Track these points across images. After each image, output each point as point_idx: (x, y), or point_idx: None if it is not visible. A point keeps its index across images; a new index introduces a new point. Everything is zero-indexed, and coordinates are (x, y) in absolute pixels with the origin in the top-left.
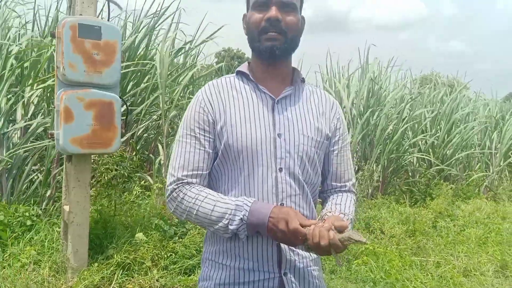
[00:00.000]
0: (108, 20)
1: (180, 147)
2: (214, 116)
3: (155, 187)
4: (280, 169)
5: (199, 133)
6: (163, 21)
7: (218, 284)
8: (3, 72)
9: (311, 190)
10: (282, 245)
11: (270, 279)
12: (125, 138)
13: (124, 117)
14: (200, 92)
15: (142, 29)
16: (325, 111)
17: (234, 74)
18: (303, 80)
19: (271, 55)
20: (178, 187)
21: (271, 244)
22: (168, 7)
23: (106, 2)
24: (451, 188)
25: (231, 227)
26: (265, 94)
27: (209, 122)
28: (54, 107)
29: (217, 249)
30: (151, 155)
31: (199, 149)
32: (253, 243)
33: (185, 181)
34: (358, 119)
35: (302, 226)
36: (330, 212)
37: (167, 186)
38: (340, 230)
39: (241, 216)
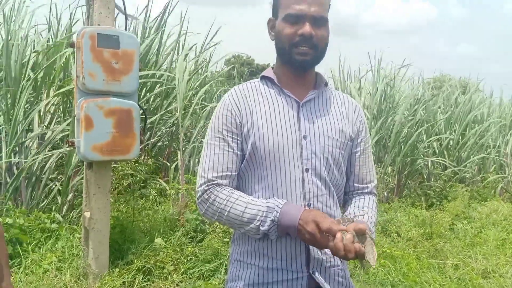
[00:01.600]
0: (126, 29)
1: (209, 149)
2: (241, 119)
3: (171, 193)
4: (307, 170)
5: (227, 135)
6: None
7: (248, 284)
8: (22, 83)
9: (336, 191)
10: None
11: (299, 278)
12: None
13: (142, 124)
14: (227, 96)
15: (152, 36)
16: (348, 113)
17: (259, 79)
18: (326, 84)
19: (302, 69)
20: (209, 188)
21: (299, 243)
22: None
23: (122, 8)
24: (466, 190)
25: (262, 228)
26: (290, 98)
27: (237, 124)
28: (74, 115)
29: (246, 250)
30: (166, 161)
31: (228, 150)
32: (281, 243)
33: (215, 182)
34: (372, 122)
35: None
36: (353, 215)
37: (197, 188)
38: (360, 233)
39: (272, 218)
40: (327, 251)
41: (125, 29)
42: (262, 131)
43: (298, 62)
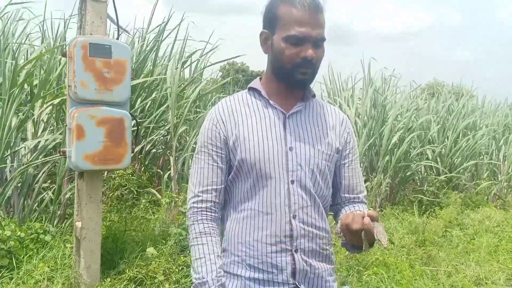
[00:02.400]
0: (117, 39)
1: (196, 164)
2: (226, 133)
3: (164, 202)
4: (292, 181)
5: (212, 150)
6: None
7: None
8: (12, 90)
9: (322, 202)
10: (296, 256)
11: None
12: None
13: (135, 133)
14: (213, 109)
15: (148, 44)
16: (335, 125)
17: (246, 90)
18: (313, 96)
19: (302, 87)
20: (195, 207)
21: (285, 254)
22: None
23: (115, 20)
24: (459, 197)
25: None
26: (277, 109)
27: (221, 138)
28: (66, 125)
29: (232, 261)
30: (159, 170)
31: (212, 164)
32: (267, 255)
33: (200, 197)
34: (363, 129)
35: None
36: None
37: (188, 201)
38: (372, 219)
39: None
40: (313, 262)
41: (117, 38)
42: (248, 143)
43: (300, 82)
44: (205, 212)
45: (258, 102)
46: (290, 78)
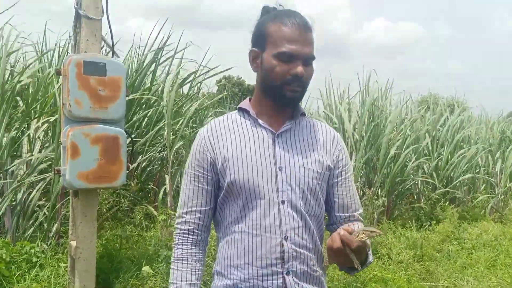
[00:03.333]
0: (112, 56)
1: (184, 185)
2: (214, 155)
3: (160, 219)
4: (283, 202)
5: (198, 171)
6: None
7: None
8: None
9: (314, 222)
10: (288, 279)
11: None
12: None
13: (130, 149)
14: (202, 130)
15: (146, 63)
16: (326, 143)
17: (236, 111)
18: (303, 114)
19: (292, 104)
20: (178, 229)
21: (276, 278)
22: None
23: (110, 42)
24: (456, 211)
25: None
26: (266, 129)
27: (208, 160)
28: (60, 143)
29: (223, 285)
30: (155, 187)
31: (198, 186)
32: (258, 279)
33: (183, 218)
34: (361, 143)
35: None
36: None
37: (175, 219)
38: (350, 231)
39: None
40: (304, 284)
41: (112, 56)
42: (236, 164)
43: (289, 99)
44: (186, 235)
45: (247, 122)
46: (280, 95)
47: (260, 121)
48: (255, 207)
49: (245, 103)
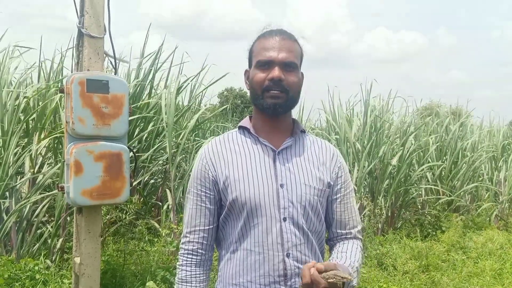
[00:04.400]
0: (115, 73)
1: (187, 204)
2: (215, 173)
3: (163, 234)
4: (284, 219)
5: (201, 190)
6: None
7: None
8: (12, 126)
9: (316, 238)
10: None
11: None
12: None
13: (133, 165)
14: (203, 150)
15: (144, 76)
16: (326, 160)
17: (237, 129)
18: (303, 131)
19: (274, 112)
20: (183, 249)
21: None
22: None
23: (112, 54)
24: (461, 220)
25: None
26: (266, 146)
27: (210, 179)
28: (64, 160)
29: None
30: (158, 202)
31: (200, 205)
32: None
33: (187, 239)
34: (363, 153)
35: None
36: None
37: (181, 239)
38: (327, 268)
39: None
40: None
41: (115, 73)
42: (238, 182)
43: (271, 105)
44: (190, 256)
45: (248, 140)
46: (264, 103)
47: (261, 139)
48: (257, 224)
49: (245, 122)
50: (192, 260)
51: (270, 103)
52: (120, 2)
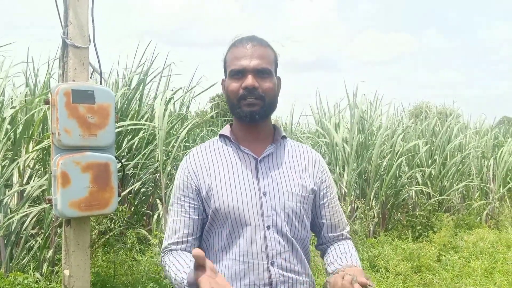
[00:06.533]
0: (100, 84)
1: (170, 215)
2: (198, 183)
3: (154, 243)
4: (268, 227)
5: (184, 201)
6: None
7: None
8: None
9: (301, 245)
10: None
11: None
12: (122, 195)
13: (120, 174)
14: (185, 160)
15: (133, 86)
16: (308, 166)
17: (218, 137)
18: (284, 137)
19: (252, 120)
20: (164, 255)
21: None
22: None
23: (98, 68)
24: (452, 219)
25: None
26: (248, 154)
27: (193, 189)
28: (51, 172)
29: None
30: (148, 211)
31: (184, 216)
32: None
33: (169, 248)
34: (351, 155)
35: None
36: (340, 263)
37: (161, 251)
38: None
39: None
40: None
41: (100, 83)
42: (221, 192)
43: (248, 113)
44: (172, 252)
45: (229, 149)
46: (240, 112)
47: (242, 147)
48: (241, 234)
49: (226, 130)
50: (176, 250)
51: (247, 112)
52: (111, 10)
